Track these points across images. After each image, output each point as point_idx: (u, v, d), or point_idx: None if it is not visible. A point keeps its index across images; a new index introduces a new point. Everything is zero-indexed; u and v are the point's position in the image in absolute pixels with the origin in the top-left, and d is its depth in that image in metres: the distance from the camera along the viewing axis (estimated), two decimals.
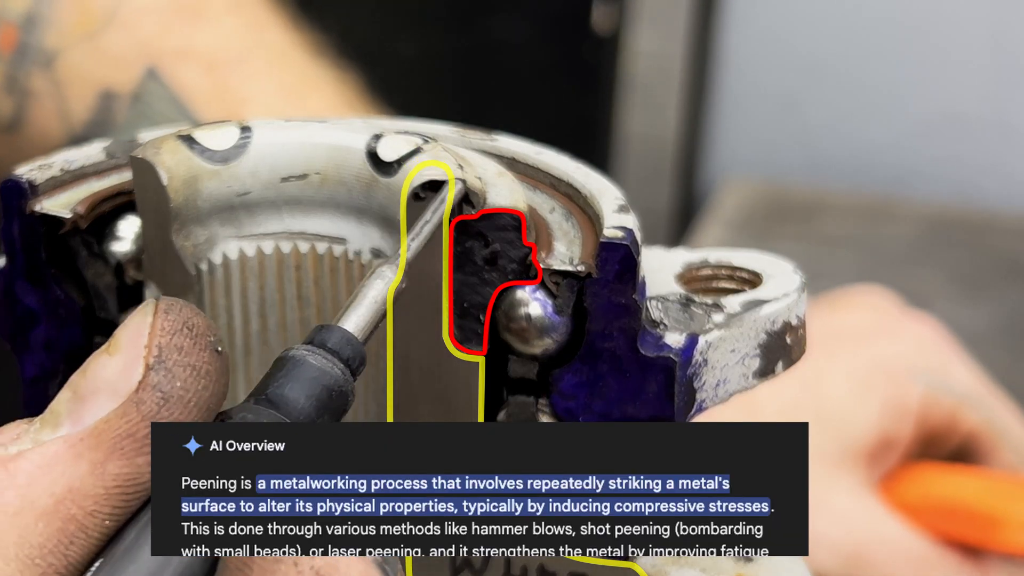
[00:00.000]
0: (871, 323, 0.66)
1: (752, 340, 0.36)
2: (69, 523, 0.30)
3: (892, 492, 0.63)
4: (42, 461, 0.30)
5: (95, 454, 0.30)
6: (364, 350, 0.32)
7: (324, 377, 0.31)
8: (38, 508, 0.30)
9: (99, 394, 0.31)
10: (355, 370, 0.31)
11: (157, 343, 0.31)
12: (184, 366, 0.31)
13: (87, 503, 0.30)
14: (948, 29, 1.16)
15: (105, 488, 0.30)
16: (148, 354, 0.31)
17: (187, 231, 0.36)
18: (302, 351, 0.31)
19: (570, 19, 1.26)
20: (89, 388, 0.31)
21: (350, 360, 0.31)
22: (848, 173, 1.21)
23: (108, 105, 0.65)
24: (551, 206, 0.37)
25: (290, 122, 0.37)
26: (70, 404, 0.31)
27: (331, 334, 0.31)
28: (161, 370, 0.30)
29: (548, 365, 0.36)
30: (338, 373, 0.31)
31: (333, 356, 0.31)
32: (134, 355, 0.31)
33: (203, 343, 0.31)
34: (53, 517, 0.30)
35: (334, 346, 0.31)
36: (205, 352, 0.31)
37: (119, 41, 0.65)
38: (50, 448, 0.30)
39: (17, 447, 0.31)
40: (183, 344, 0.31)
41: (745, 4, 1.21)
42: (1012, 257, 1.06)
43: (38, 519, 0.30)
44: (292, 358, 0.31)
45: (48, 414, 0.31)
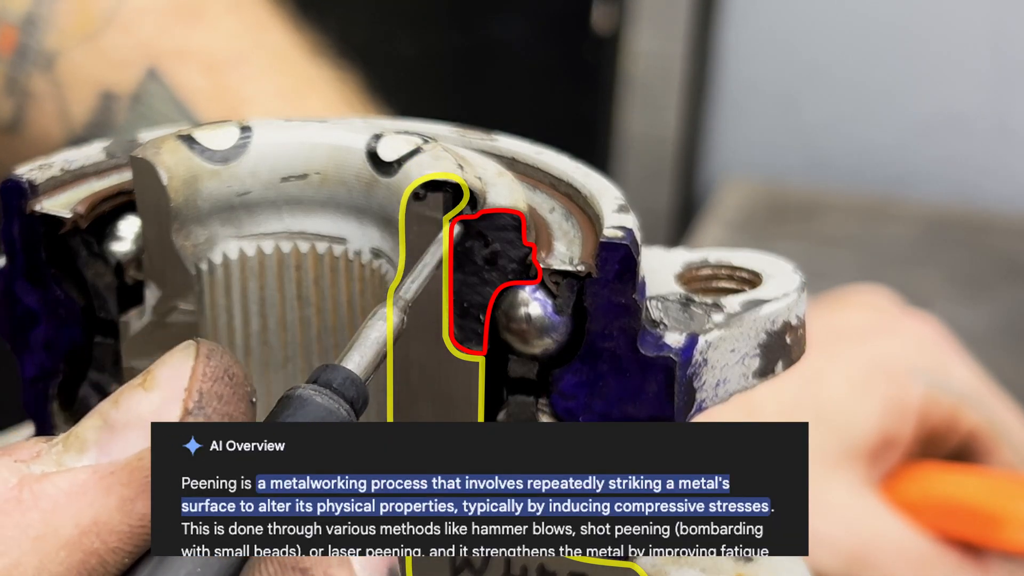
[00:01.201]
0: (871, 322, 0.66)
1: (752, 340, 0.36)
2: (91, 556, 0.29)
3: (893, 491, 0.63)
4: (69, 488, 0.30)
5: (126, 490, 0.30)
6: (367, 390, 0.32)
7: (330, 417, 0.31)
8: (62, 537, 0.29)
9: (131, 428, 0.30)
10: (359, 410, 0.31)
11: (199, 388, 0.30)
12: (222, 415, 0.30)
13: (111, 539, 0.29)
14: (948, 29, 1.16)
15: (131, 526, 0.30)
16: (188, 398, 0.30)
17: (187, 231, 0.36)
18: (308, 391, 0.31)
19: (570, 19, 1.26)
20: (121, 420, 0.30)
21: (354, 400, 0.31)
22: (848, 173, 1.21)
23: (108, 106, 0.65)
24: (551, 206, 0.37)
25: (290, 122, 0.37)
26: (99, 433, 0.30)
27: (336, 374, 0.31)
28: (200, 416, 0.30)
29: (548, 365, 0.36)
30: (343, 413, 0.31)
31: (338, 396, 0.31)
32: (172, 395, 0.30)
33: (241, 393, 0.31)
34: (75, 548, 0.29)
35: (339, 386, 0.31)
36: (243, 403, 0.31)
37: (119, 42, 0.65)
38: (78, 476, 0.30)
39: (41, 467, 0.30)
40: (223, 393, 0.31)
41: (745, 4, 1.21)
42: (1012, 257, 1.06)
43: (60, 548, 0.29)
44: (298, 397, 0.31)
45: (72, 438, 0.31)
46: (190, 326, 0.37)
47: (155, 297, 0.37)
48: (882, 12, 1.18)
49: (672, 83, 1.20)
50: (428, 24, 1.31)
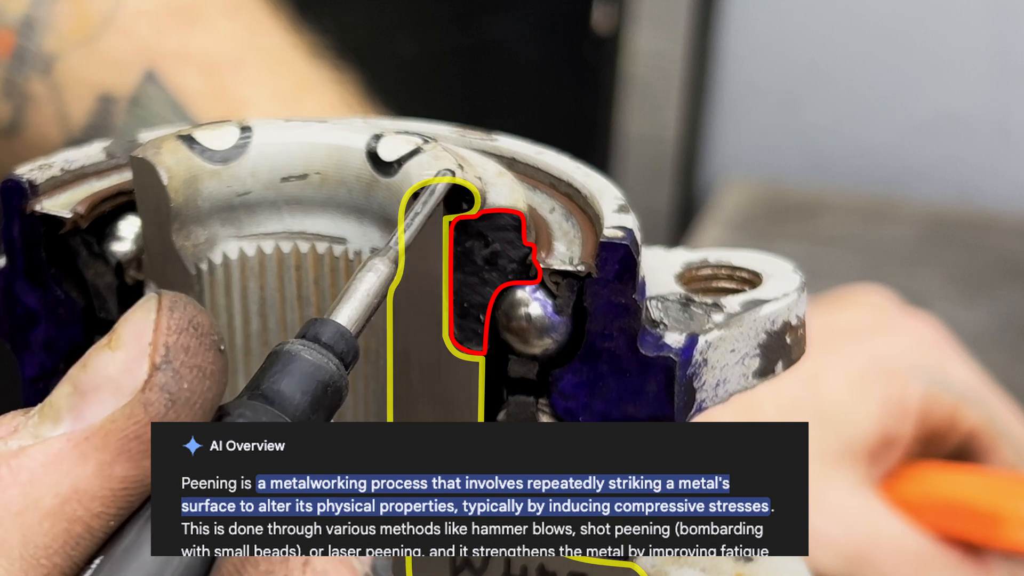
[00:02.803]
0: (870, 321, 0.66)
1: (752, 340, 0.36)
2: (75, 524, 0.29)
3: (893, 491, 0.63)
4: (45, 459, 0.30)
5: (102, 455, 0.30)
6: (357, 344, 0.31)
7: (319, 372, 0.31)
8: (43, 508, 0.29)
9: (101, 390, 0.30)
10: (348, 364, 0.31)
11: (164, 342, 0.30)
12: (190, 367, 0.30)
13: (93, 504, 0.30)
14: (948, 30, 1.16)
15: (111, 490, 0.30)
16: (154, 352, 0.30)
17: (187, 231, 0.36)
18: (296, 345, 0.31)
19: (570, 19, 1.26)
20: (90, 384, 0.30)
21: (344, 355, 0.31)
22: (848, 173, 1.21)
23: (106, 109, 0.65)
24: (551, 206, 0.37)
25: (290, 122, 0.37)
26: (71, 399, 0.30)
27: (325, 328, 0.31)
28: (168, 370, 0.30)
29: (548, 365, 0.36)
30: (333, 368, 0.31)
31: (327, 351, 0.31)
32: (138, 352, 0.30)
33: (208, 342, 0.31)
34: (58, 517, 0.29)
35: (328, 340, 0.31)
36: (210, 352, 0.31)
37: (117, 45, 0.65)
38: (53, 445, 0.30)
39: (17, 442, 0.30)
40: (189, 344, 0.30)
41: (745, 4, 1.21)
42: (1012, 257, 1.06)
43: (43, 519, 0.29)
44: (287, 352, 0.31)
45: (47, 408, 0.31)
46: None
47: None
48: (882, 13, 1.18)
49: (672, 83, 1.20)
50: (428, 24, 1.31)
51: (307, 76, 0.67)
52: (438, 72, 1.32)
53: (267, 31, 0.68)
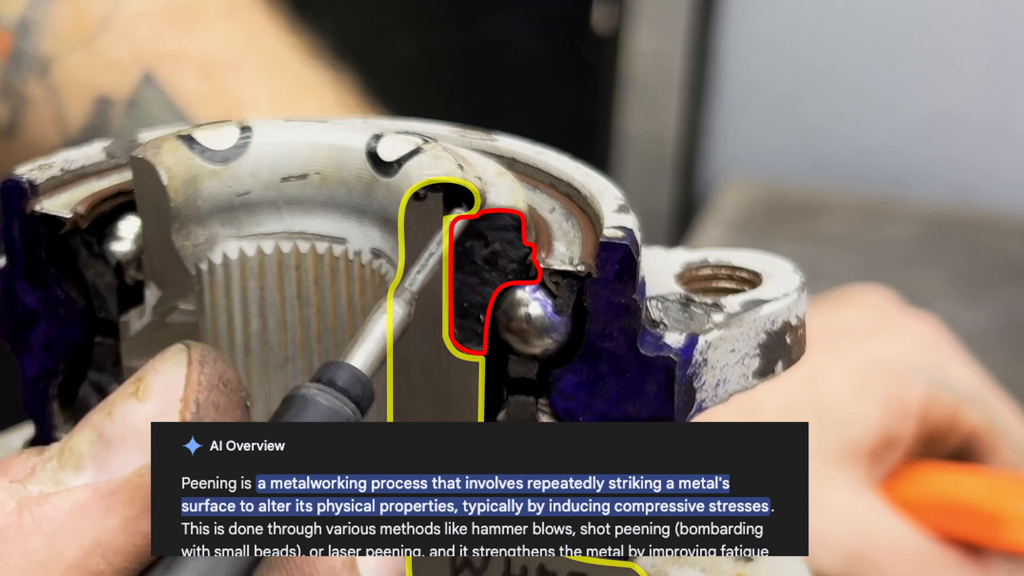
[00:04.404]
0: (870, 321, 0.66)
1: (752, 340, 0.36)
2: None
3: (893, 491, 0.63)
4: (69, 509, 0.29)
5: (128, 510, 0.29)
6: (373, 388, 0.31)
7: (335, 417, 0.30)
8: (66, 560, 0.29)
9: (128, 442, 0.30)
10: (364, 408, 0.31)
11: (195, 398, 0.30)
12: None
13: (116, 559, 0.29)
14: (948, 30, 1.16)
15: (136, 545, 0.29)
16: (184, 408, 0.30)
17: (187, 231, 0.36)
18: (312, 390, 0.30)
19: (570, 19, 1.26)
20: (116, 433, 0.30)
21: (359, 399, 0.31)
22: (848, 173, 1.21)
23: (104, 111, 0.65)
24: (551, 206, 0.37)
25: (290, 122, 0.37)
26: (94, 447, 0.30)
27: (340, 371, 0.31)
28: None
29: (548, 365, 0.35)
30: (348, 412, 0.30)
31: (343, 395, 0.30)
32: (168, 405, 0.30)
33: (236, 399, 0.30)
34: (80, 570, 0.29)
35: (344, 384, 0.30)
36: (238, 410, 0.30)
37: (114, 47, 0.65)
38: (79, 496, 0.29)
39: (38, 487, 0.29)
40: (219, 402, 0.30)
41: (745, 4, 1.21)
42: (1012, 257, 1.06)
43: (64, 571, 0.29)
44: (302, 397, 0.30)
45: (67, 454, 0.30)
46: (190, 326, 0.37)
47: (155, 297, 0.37)
48: (882, 13, 1.18)
49: (672, 83, 1.20)
50: (428, 24, 1.31)
51: (305, 77, 0.67)
52: (438, 72, 1.32)
53: (265, 32, 0.68)
